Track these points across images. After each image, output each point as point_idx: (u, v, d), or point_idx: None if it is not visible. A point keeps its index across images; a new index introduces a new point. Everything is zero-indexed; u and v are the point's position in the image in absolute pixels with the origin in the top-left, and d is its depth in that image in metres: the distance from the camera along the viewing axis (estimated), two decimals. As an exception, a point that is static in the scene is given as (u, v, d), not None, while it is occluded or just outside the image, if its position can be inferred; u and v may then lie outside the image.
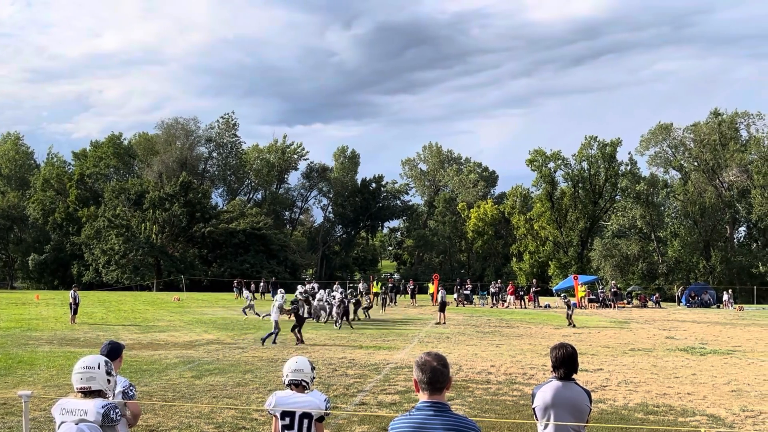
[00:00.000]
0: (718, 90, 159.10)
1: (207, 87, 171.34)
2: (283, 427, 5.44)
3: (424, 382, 3.98)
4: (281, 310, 21.81)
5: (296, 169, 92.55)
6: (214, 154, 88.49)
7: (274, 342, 21.05)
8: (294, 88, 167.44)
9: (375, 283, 42.51)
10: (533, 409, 5.48)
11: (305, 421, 5.41)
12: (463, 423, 3.95)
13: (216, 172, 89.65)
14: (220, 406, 11.62)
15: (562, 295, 33.93)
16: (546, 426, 5.38)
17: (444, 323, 29.36)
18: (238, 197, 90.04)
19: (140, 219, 70.05)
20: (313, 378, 5.73)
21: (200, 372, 15.43)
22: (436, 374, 3.97)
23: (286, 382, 5.66)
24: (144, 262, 69.24)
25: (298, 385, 5.60)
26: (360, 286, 41.28)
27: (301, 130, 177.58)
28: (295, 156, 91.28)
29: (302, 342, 21.35)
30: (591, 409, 5.45)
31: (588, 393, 5.46)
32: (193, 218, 72.48)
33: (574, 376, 5.47)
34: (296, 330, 21.68)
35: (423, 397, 4.02)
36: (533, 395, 5.53)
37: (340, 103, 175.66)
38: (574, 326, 27.67)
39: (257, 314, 31.21)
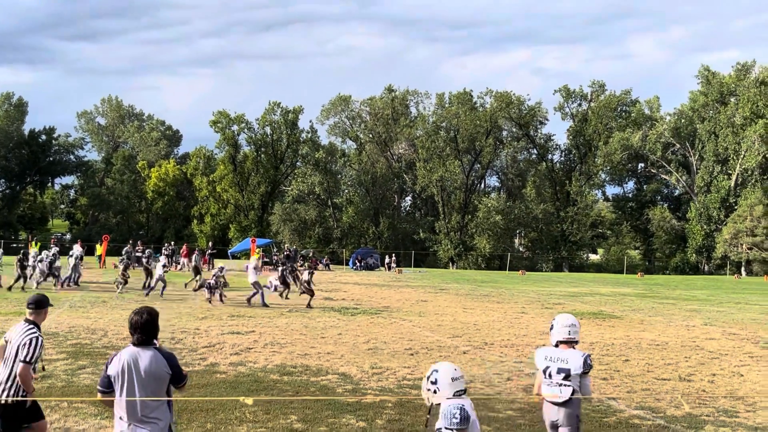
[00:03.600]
0: (395, 68, 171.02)
1: None
2: None
3: None
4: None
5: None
6: None
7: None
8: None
9: (34, 243, 38.91)
10: (108, 377, 5.11)
11: None
12: None
13: None
14: None
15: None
16: (120, 394, 5.05)
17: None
18: None
19: None
20: None
21: None
22: None
23: None
24: None
25: None
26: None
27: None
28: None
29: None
30: (172, 373, 5.14)
31: (170, 357, 5.21)
32: None
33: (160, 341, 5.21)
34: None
35: None
36: (109, 362, 5.15)
37: (8, 45, 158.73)
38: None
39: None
